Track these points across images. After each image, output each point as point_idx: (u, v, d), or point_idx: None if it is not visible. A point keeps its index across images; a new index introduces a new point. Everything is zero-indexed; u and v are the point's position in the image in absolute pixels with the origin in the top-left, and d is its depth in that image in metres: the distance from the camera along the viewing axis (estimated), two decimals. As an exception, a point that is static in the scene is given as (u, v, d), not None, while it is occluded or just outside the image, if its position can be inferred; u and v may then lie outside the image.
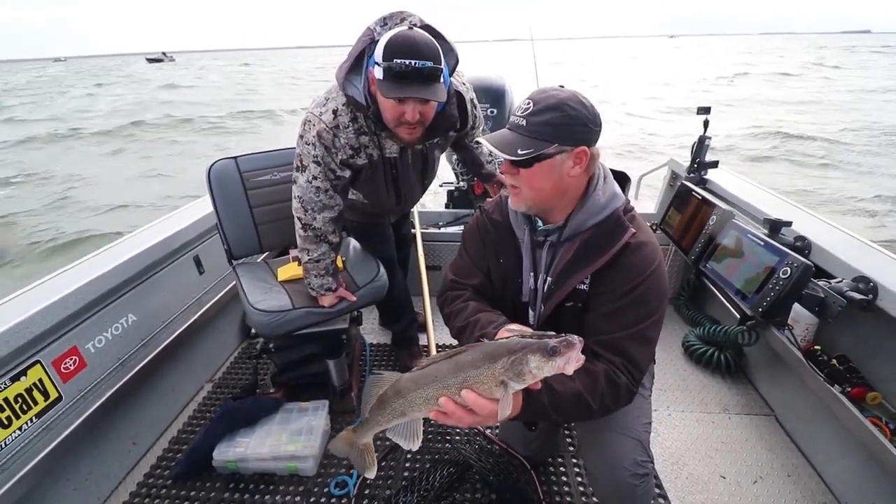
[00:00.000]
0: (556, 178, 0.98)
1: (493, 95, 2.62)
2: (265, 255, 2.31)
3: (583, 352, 0.75)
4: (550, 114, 0.93)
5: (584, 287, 1.05)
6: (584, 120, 0.94)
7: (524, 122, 0.95)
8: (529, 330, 0.88)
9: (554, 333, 0.75)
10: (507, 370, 0.75)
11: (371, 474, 0.99)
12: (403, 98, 1.31)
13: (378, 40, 1.35)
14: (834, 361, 1.51)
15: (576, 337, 0.74)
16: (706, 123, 2.22)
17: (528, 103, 0.95)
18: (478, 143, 1.91)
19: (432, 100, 1.34)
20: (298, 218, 1.57)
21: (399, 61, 1.24)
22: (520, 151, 0.93)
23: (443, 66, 1.32)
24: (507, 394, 0.77)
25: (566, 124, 0.93)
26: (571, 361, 0.73)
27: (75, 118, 17.58)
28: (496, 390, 0.77)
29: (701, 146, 2.26)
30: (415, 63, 1.24)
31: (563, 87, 0.99)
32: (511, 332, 0.87)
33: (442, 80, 1.34)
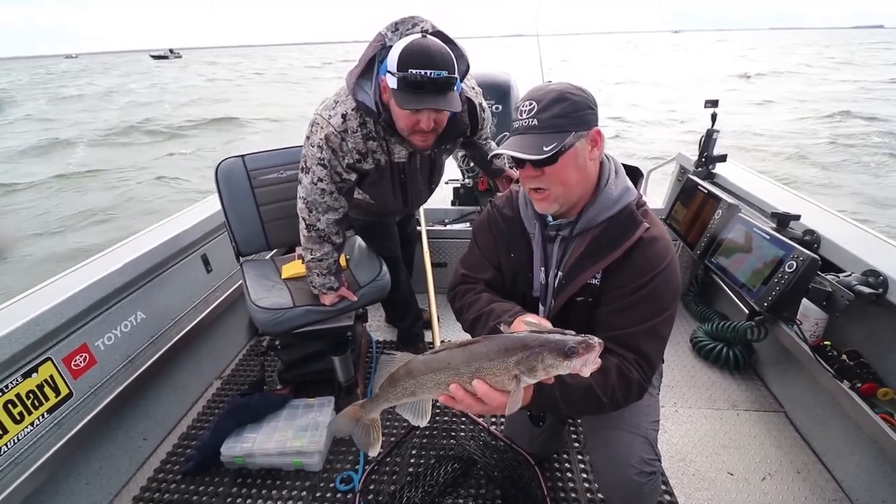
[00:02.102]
0: (581, 165, 0.98)
1: (499, 92, 2.62)
2: (273, 252, 2.34)
3: None
4: (559, 105, 0.93)
5: (595, 282, 1.04)
6: (588, 103, 0.96)
7: (535, 122, 0.94)
8: (548, 323, 0.86)
9: (573, 333, 0.74)
10: (520, 364, 0.74)
11: (374, 452, 0.96)
12: (419, 108, 1.31)
13: (389, 46, 1.35)
14: (844, 357, 1.49)
15: (596, 339, 0.71)
16: (714, 117, 2.19)
17: (531, 103, 0.95)
18: (487, 141, 1.92)
19: (448, 110, 1.34)
20: (303, 218, 1.58)
21: (415, 72, 1.24)
22: (545, 148, 0.92)
23: (456, 74, 1.32)
24: (518, 388, 0.75)
25: (576, 111, 0.94)
26: (588, 364, 0.71)
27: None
28: (508, 383, 0.76)
29: (709, 140, 2.23)
30: (430, 73, 1.25)
31: (550, 81, 1.00)
32: (529, 324, 0.86)
33: (455, 88, 1.34)
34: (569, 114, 0.94)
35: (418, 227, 2.40)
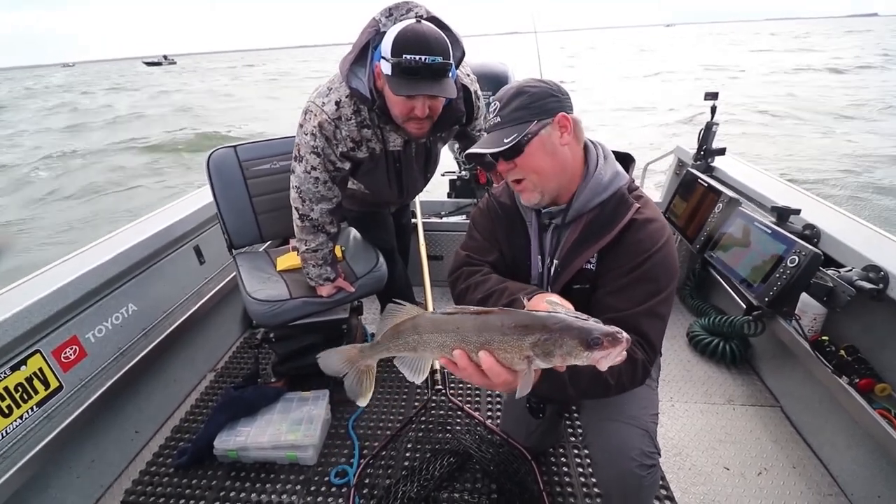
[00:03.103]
0: (551, 151, 1.00)
1: (496, 82, 2.58)
2: (267, 244, 2.31)
3: None
4: (518, 99, 0.99)
5: (591, 266, 1.04)
6: (550, 92, 0.99)
7: (499, 119, 1.01)
8: (570, 306, 0.82)
9: (599, 321, 0.68)
10: (536, 346, 0.68)
11: (364, 401, 0.90)
12: (413, 94, 1.29)
13: (384, 32, 1.32)
14: (842, 352, 1.48)
15: (625, 334, 0.66)
16: (713, 109, 2.17)
17: (496, 103, 1.02)
18: (481, 132, 1.89)
19: (443, 96, 1.32)
20: (296, 208, 1.55)
21: (409, 57, 1.22)
22: (505, 140, 0.96)
23: (451, 60, 1.29)
24: (529, 370, 0.70)
25: (535, 101, 0.98)
26: (610, 358, 0.65)
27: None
28: (518, 363, 0.71)
29: (708, 133, 2.22)
30: (425, 59, 1.22)
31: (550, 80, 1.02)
32: (551, 303, 0.81)
33: (450, 74, 1.32)
34: (528, 105, 0.98)
35: (414, 220, 2.38)
